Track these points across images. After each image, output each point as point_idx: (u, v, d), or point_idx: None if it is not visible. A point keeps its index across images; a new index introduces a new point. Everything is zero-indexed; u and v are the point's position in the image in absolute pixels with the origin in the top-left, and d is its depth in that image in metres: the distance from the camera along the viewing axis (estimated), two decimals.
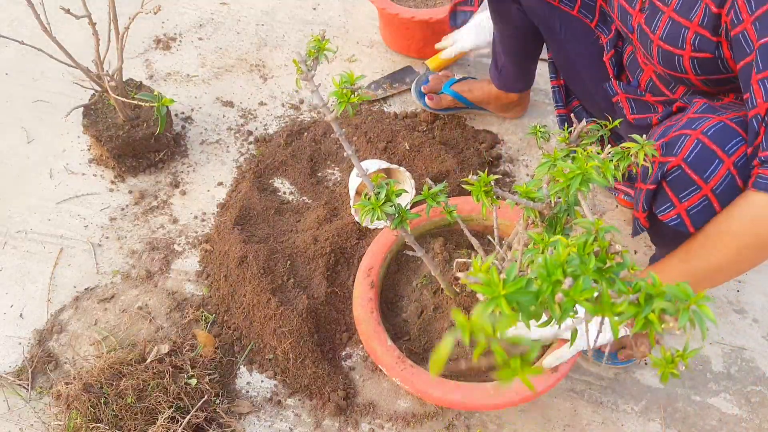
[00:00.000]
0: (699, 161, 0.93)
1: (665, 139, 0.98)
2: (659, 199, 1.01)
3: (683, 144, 0.94)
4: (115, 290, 1.45)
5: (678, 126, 0.98)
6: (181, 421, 1.19)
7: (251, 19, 1.99)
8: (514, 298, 0.46)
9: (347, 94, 0.82)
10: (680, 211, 0.98)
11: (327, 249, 1.44)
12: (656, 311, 0.49)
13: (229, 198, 1.59)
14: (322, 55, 0.83)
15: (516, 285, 0.46)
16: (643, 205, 1.03)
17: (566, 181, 0.71)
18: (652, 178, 1.00)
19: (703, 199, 0.95)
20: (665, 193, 0.99)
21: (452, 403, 1.13)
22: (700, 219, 0.97)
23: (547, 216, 0.83)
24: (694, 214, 0.97)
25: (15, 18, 1.95)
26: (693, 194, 0.95)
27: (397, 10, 1.73)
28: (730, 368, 1.38)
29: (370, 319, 1.19)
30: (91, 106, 1.56)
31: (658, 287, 0.50)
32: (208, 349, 1.34)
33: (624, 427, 1.30)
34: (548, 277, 0.48)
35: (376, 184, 0.92)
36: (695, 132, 0.94)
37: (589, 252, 0.55)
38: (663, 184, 0.99)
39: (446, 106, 1.72)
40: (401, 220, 0.94)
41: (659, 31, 1.06)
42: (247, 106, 1.78)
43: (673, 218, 0.99)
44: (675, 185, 0.97)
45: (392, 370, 1.14)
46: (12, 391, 1.30)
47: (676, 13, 1.03)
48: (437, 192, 0.93)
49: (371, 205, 0.91)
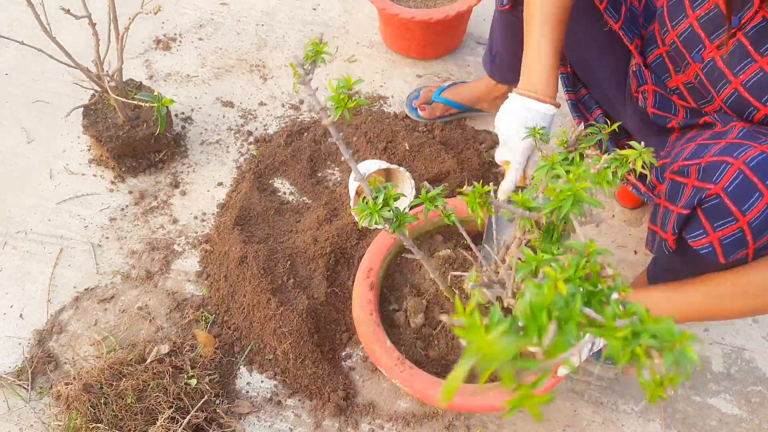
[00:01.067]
0: (739, 192, 0.91)
1: (701, 161, 0.96)
2: (691, 225, 0.99)
3: (724, 172, 0.92)
4: (115, 290, 1.45)
5: (716, 150, 0.96)
6: (181, 422, 1.19)
7: (251, 20, 1.99)
8: (499, 345, 0.46)
9: (344, 99, 0.82)
10: (713, 240, 0.96)
11: (327, 249, 1.44)
12: (642, 346, 0.49)
13: (229, 198, 1.59)
14: (319, 58, 0.82)
15: (501, 330, 0.46)
16: (674, 228, 1.01)
17: (558, 202, 0.70)
18: (685, 202, 0.98)
19: (738, 231, 0.93)
20: (699, 220, 0.97)
21: (452, 404, 1.13)
22: (732, 250, 0.96)
23: (544, 224, 0.83)
24: (726, 244, 0.95)
25: (15, 18, 1.95)
26: (729, 225, 0.94)
27: (397, 11, 1.73)
28: (730, 368, 1.38)
29: (370, 320, 1.19)
30: (91, 107, 1.56)
31: (646, 323, 0.49)
32: (208, 350, 1.34)
33: (624, 427, 1.30)
34: (534, 320, 0.48)
35: (374, 188, 0.92)
36: (737, 161, 0.92)
37: (580, 276, 0.55)
38: (698, 210, 0.97)
39: (440, 115, 1.72)
40: (399, 224, 0.94)
41: (743, 77, 1.02)
42: (247, 106, 1.78)
43: (705, 246, 0.97)
44: (711, 213, 0.95)
45: (392, 372, 1.14)
46: (12, 391, 1.30)
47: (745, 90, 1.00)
48: (435, 195, 0.93)
49: (369, 209, 0.90)
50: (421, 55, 1.88)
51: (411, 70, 1.88)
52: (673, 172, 1.02)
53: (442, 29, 1.79)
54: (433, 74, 1.87)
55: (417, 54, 1.88)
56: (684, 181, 0.99)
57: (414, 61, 1.90)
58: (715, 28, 1.05)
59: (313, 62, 0.82)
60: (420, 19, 1.73)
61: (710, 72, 1.07)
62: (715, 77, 1.06)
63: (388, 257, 1.29)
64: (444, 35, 1.83)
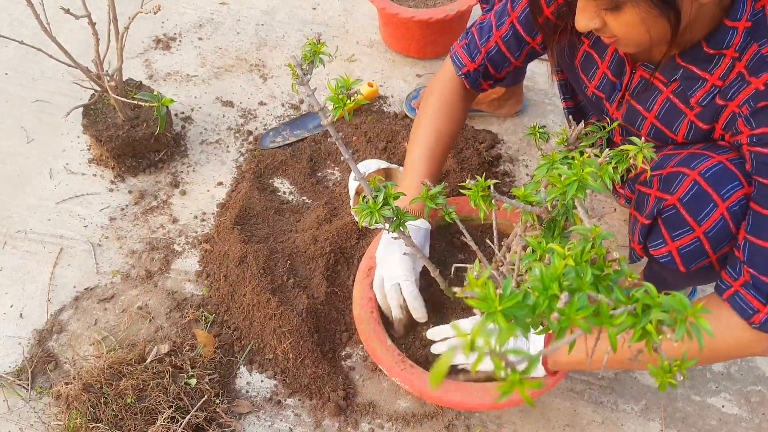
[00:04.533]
0: (694, 203, 0.94)
1: (663, 171, 0.98)
2: (653, 234, 1.02)
3: (681, 183, 0.95)
4: (114, 290, 1.45)
5: (677, 160, 0.98)
6: (181, 421, 1.19)
7: (251, 19, 1.99)
8: (511, 313, 0.46)
9: (343, 99, 0.82)
10: (671, 249, 0.99)
11: (327, 249, 1.44)
12: (654, 322, 0.49)
13: (229, 198, 1.59)
14: (317, 59, 0.82)
15: (512, 300, 0.46)
16: (639, 238, 1.04)
17: (562, 188, 0.70)
18: (648, 212, 1.00)
19: (695, 240, 0.96)
20: (659, 229, 1.00)
21: (452, 402, 1.13)
22: (691, 259, 0.98)
23: (546, 219, 0.83)
24: (684, 253, 0.98)
25: (15, 18, 1.95)
26: (685, 234, 0.96)
27: (397, 10, 1.73)
28: (730, 368, 1.38)
29: (370, 319, 1.19)
30: (91, 106, 1.56)
31: (656, 298, 0.50)
32: (207, 349, 1.34)
33: (624, 427, 1.30)
34: (545, 291, 0.48)
35: (374, 187, 0.92)
36: (693, 172, 0.94)
37: (587, 260, 0.55)
38: (658, 220, 0.99)
39: None
40: (399, 223, 0.94)
41: (642, 133, 1.08)
42: (247, 105, 1.78)
43: (664, 255, 1.00)
44: (669, 223, 0.98)
45: (392, 370, 1.14)
46: (12, 391, 1.30)
47: (659, 122, 1.05)
48: (436, 193, 0.93)
49: (369, 208, 0.90)
50: (421, 54, 1.88)
51: (411, 69, 1.88)
52: (640, 183, 1.05)
53: (442, 29, 1.79)
54: (432, 74, 1.87)
55: (417, 53, 1.88)
56: (648, 191, 1.01)
57: (414, 61, 1.90)
58: (610, 93, 1.12)
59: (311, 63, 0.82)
60: (420, 18, 1.73)
61: (621, 127, 1.15)
62: (627, 131, 1.14)
63: None
64: (444, 35, 1.83)
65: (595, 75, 1.13)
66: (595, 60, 1.12)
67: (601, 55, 1.10)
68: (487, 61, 1.21)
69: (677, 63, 0.98)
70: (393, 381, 1.23)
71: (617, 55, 1.07)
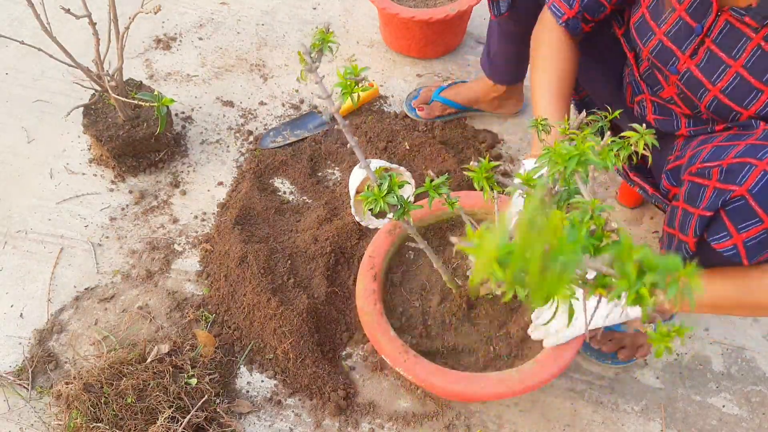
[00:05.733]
0: (764, 194, 0.91)
1: (722, 162, 0.95)
2: (713, 227, 0.98)
3: (748, 174, 0.92)
4: (115, 290, 1.45)
5: (737, 151, 0.95)
6: (181, 421, 1.19)
7: (251, 19, 1.99)
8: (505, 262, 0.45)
9: (351, 84, 0.82)
10: (737, 242, 0.95)
11: (327, 249, 1.44)
12: (647, 285, 0.49)
13: (229, 198, 1.59)
14: (326, 47, 0.82)
15: (505, 249, 0.45)
16: (695, 231, 1.00)
17: (563, 162, 0.70)
18: (707, 203, 0.97)
19: (763, 232, 0.93)
20: (722, 222, 0.96)
21: (455, 392, 1.13)
22: (756, 252, 0.95)
23: (548, 203, 0.83)
24: (750, 246, 0.95)
25: (15, 18, 1.95)
26: (753, 226, 0.93)
27: (397, 10, 1.73)
28: (730, 368, 1.38)
29: (374, 310, 1.19)
30: (91, 106, 1.56)
31: (652, 260, 0.49)
32: (208, 349, 1.34)
33: (624, 427, 1.30)
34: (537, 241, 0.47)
35: (379, 176, 0.93)
36: (762, 163, 0.91)
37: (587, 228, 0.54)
38: (721, 212, 0.96)
39: (438, 114, 1.72)
40: (404, 212, 0.94)
41: (721, 84, 1.03)
42: (247, 105, 1.78)
43: (728, 248, 0.96)
44: (734, 215, 0.94)
45: (396, 361, 1.15)
46: (12, 390, 1.31)
47: (747, 71, 0.99)
48: (440, 184, 0.93)
49: (374, 195, 0.91)
50: (421, 54, 1.88)
51: (411, 69, 1.88)
52: (691, 174, 1.01)
53: (443, 28, 1.79)
54: (433, 74, 1.87)
55: (417, 53, 1.88)
56: (705, 182, 0.98)
57: (414, 61, 1.90)
58: (684, 39, 1.06)
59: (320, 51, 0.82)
60: (420, 18, 1.73)
61: (688, 82, 1.08)
62: (694, 86, 1.08)
63: (392, 249, 1.29)
64: (444, 34, 1.83)
65: (668, 20, 1.08)
66: (671, 2, 1.07)
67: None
68: (583, 8, 1.21)
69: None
70: (392, 381, 1.23)
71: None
